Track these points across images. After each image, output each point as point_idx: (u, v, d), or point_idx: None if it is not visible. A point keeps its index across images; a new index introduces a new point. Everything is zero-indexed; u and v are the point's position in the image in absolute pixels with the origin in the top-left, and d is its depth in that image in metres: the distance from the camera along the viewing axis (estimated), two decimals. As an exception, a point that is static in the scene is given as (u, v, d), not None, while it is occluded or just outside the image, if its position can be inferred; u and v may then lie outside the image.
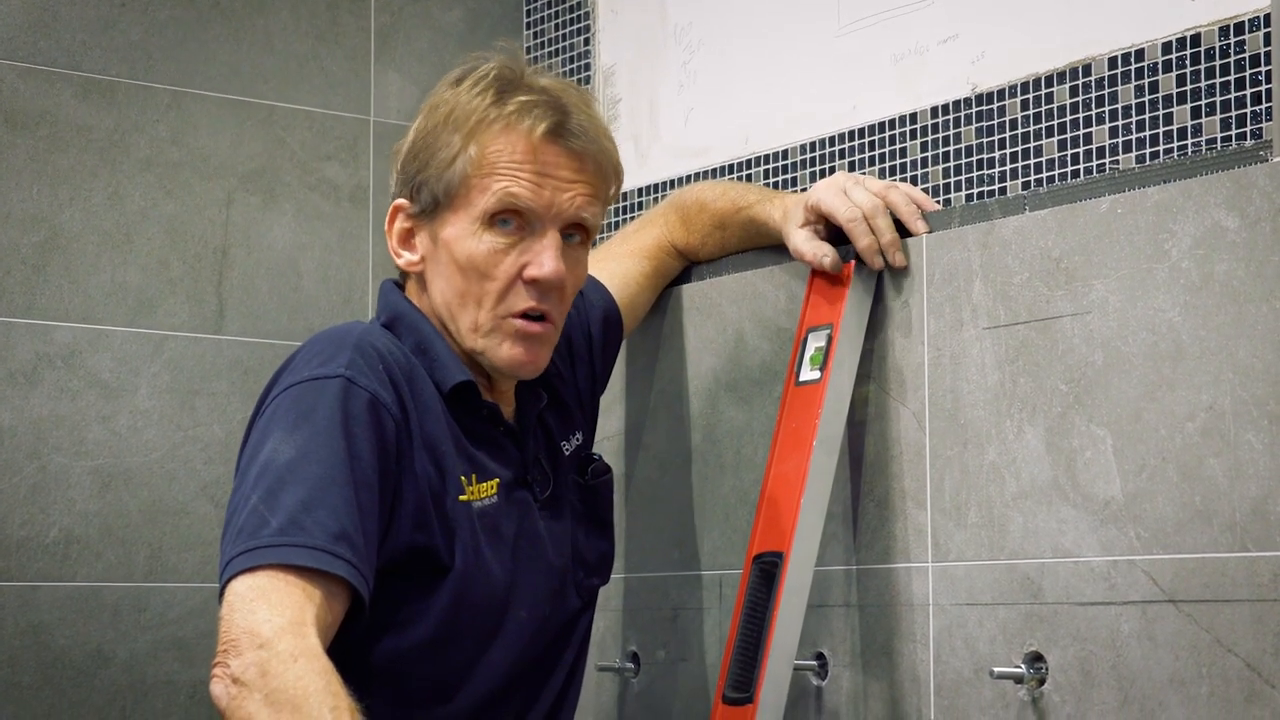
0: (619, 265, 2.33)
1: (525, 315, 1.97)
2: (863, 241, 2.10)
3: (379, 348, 1.92)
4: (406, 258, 2.02)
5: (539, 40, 2.92)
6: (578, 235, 2.00)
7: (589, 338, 2.22)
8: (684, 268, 2.40)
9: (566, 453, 2.11)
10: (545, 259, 1.95)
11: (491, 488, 1.97)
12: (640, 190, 2.71)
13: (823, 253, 2.12)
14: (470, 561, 1.93)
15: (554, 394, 2.11)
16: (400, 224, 2.01)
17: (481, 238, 1.95)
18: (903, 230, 2.11)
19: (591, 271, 2.27)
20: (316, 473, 1.81)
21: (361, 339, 1.92)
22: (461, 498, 1.94)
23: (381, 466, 1.86)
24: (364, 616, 1.83)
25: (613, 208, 2.75)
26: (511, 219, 1.95)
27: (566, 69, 2.86)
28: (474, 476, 1.96)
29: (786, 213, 2.18)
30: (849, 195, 2.11)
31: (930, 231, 2.09)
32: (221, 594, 1.79)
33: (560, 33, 2.88)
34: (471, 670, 1.96)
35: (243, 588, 1.75)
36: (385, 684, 1.86)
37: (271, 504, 1.79)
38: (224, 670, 1.71)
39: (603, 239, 2.57)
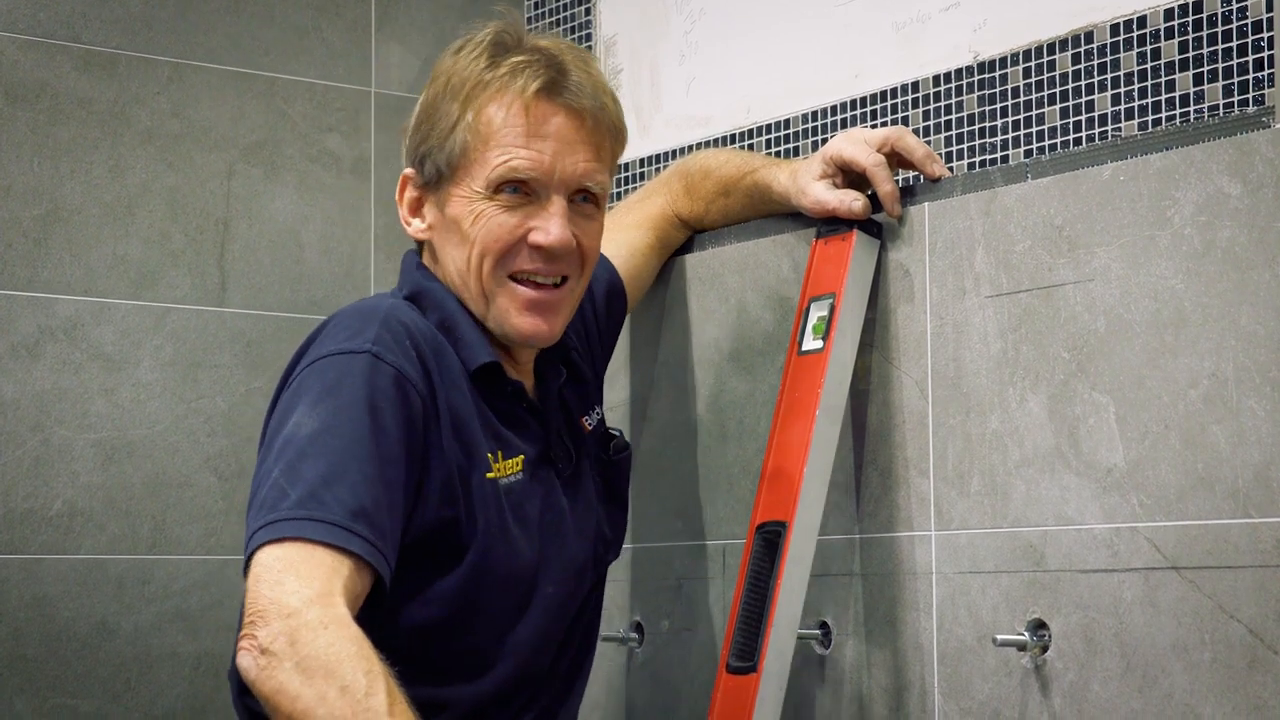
0: (623, 236, 2.32)
1: (531, 280, 1.96)
2: (886, 186, 2.10)
3: (406, 323, 1.92)
4: (416, 225, 2.02)
5: (540, 10, 2.91)
6: (588, 200, 1.99)
7: (595, 312, 2.21)
8: (688, 237, 2.40)
9: (589, 428, 2.10)
10: (551, 226, 1.95)
11: (517, 464, 1.96)
12: (642, 161, 2.71)
13: (851, 198, 2.12)
14: (496, 538, 1.92)
15: (572, 369, 2.10)
16: (410, 193, 2.02)
17: (486, 206, 1.95)
18: (905, 198, 2.11)
19: None
20: (338, 447, 1.80)
21: (389, 314, 1.91)
22: (488, 475, 1.93)
23: (408, 442, 1.85)
24: (385, 592, 1.81)
25: (615, 178, 2.74)
26: (516, 186, 1.95)
27: (567, 39, 2.85)
28: (500, 453, 1.95)
29: (795, 174, 2.17)
30: (868, 143, 2.11)
31: (937, 183, 2.09)
32: (246, 566, 1.77)
33: (561, 2, 2.87)
34: (500, 647, 1.95)
35: (269, 559, 1.74)
36: (413, 660, 1.83)
37: (292, 477, 1.78)
38: (251, 641, 1.69)
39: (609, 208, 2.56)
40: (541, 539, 1.98)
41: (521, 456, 1.97)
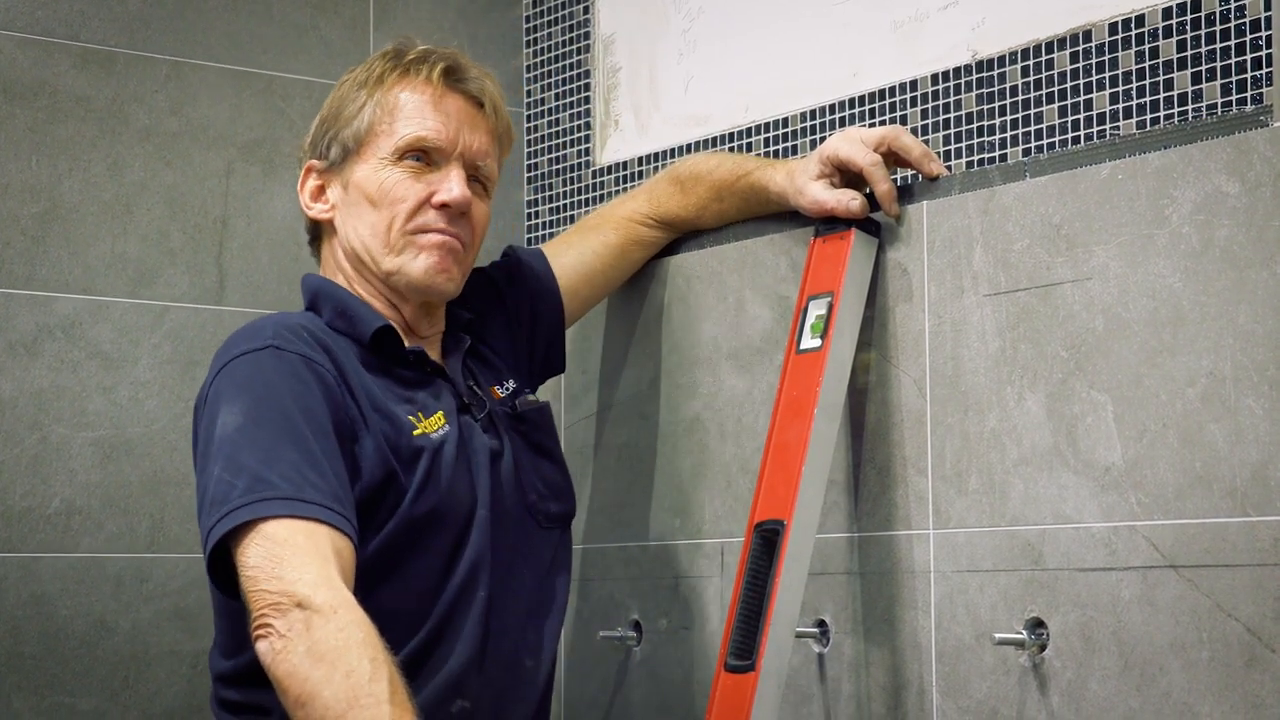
0: (576, 239, 2.39)
1: (437, 229, 2.08)
2: (883, 186, 2.11)
3: (299, 323, 2.03)
4: (319, 208, 2.14)
5: (538, 9, 2.91)
6: (476, 182, 2.12)
7: (518, 305, 2.28)
8: (672, 239, 2.41)
9: (500, 395, 2.17)
10: (452, 185, 2.08)
11: (440, 420, 2.05)
12: (640, 159, 2.71)
13: (848, 197, 2.13)
14: (429, 484, 2.01)
15: (475, 345, 2.19)
16: (312, 182, 2.15)
17: (391, 170, 2.08)
18: (903, 197, 2.11)
19: (551, 248, 2.35)
20: (269, 433, 1.90)
21: (278, 320, 2.03)
22: (415, 433, 2.02)
23: (333, 415, 1.95)
24: (355, 551, 1.89)
25: (613, 177, 2.74)
26: (418, 155, 2.08)
27: (566, 37, 2.85)
28: (420, 415, 2.04)
29: (791, 173, 2.19)
30: (864, 142, 2.13)
31: (936, 182, 2.09)
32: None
33: (559, 0, 2.87)
34: (441, 587, 2.02)
35: (253, 559, 1.83)
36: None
37: (234, 469, 1.87)
38: (268, 629, 1.78)
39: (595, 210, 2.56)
40: (470, 474, 2.06)
41: (441, 412, 2.06)
